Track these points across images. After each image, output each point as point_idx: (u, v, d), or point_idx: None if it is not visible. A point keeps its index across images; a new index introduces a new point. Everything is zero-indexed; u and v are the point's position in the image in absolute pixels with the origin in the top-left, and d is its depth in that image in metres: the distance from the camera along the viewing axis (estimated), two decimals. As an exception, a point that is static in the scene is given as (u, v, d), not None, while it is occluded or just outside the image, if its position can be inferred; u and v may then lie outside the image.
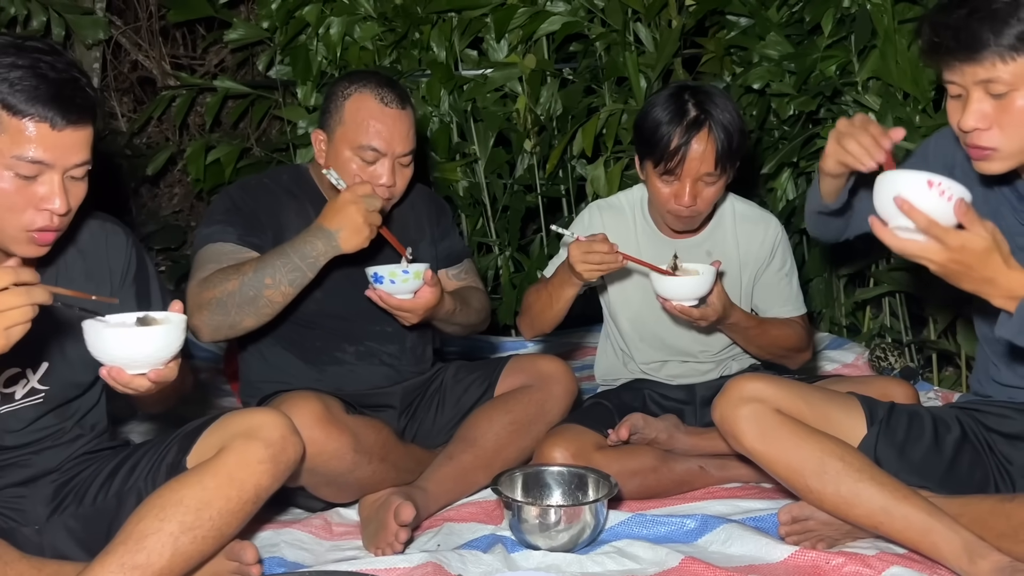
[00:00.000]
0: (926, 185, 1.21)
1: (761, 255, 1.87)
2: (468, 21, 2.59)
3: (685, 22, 2.54)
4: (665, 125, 1.71)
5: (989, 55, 1.26)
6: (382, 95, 1.71)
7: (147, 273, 1.51)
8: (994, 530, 1.34)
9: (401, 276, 1.64)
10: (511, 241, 2.73)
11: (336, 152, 1.72)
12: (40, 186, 1.24)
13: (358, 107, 1.71)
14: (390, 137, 1.70)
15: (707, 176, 1.72)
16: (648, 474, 1.75)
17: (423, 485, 1.70)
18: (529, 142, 2.67)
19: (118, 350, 1.22)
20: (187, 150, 2.79)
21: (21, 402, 1.39)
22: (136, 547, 1.27)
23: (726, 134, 1.70)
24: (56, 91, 1.21)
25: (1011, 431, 1.50)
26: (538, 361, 1.89)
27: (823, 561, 1.43)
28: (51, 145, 1.22)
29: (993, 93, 1.28)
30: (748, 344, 1.86)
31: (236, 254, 1.65)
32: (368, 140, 1.69)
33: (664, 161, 1.71)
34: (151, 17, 3.00)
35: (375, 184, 1.70)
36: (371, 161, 1.70)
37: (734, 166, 1.76)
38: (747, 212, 1.90)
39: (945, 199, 1.21)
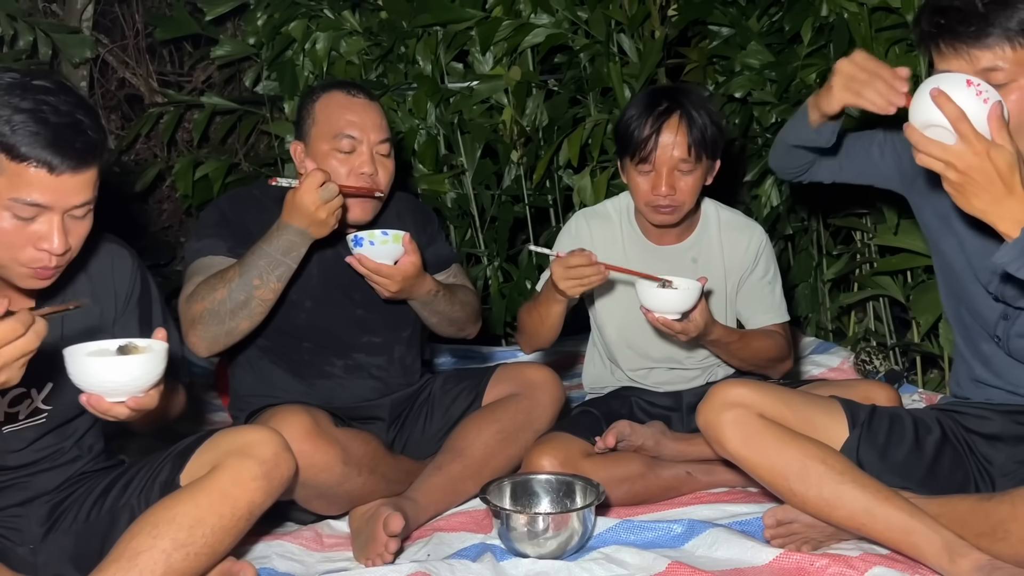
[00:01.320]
0: (964, 83, 1.19)
1: (745, 262, 1.90)
2: (453, 35, 2.61)
3: (668, 32, 2.57)
4: (637, 119, 1.77)
5: (997, 39, 1.26)
6: (348, 90, 1.78)
7: (150, 297, 1.53)
8: (974, 529, 1.36)
9: (380, 238, 1.67)
10: (499, 251, 2.75)
11: (314, 152, 1.74)
12: (39, 225, 1.24)
13: (327, 103, 1.76)
14: (363, 124, 1.74)
15: (682, 164, 1.75)
16: (636, 480, 1.76)
17: (412, 496, 1.71)
18: (516, 153, 2.70)
19: (96, 378, 1.21)
20: (175, 166, 2.80)
21: (24, 422, 1.40)
22: (129, 564, 1.28)
23: (697, 121, 1.75)
24: (55, 136, 1.21)
25: (990, 432, 1.53)
26: (525, 370, 1.90)
27: (807, 563, 1.45)
28: (49, 189, 1.22)
29: (994, 83, 1.27)
30: (730, 357, 1.88)
31: (225, 265, 1.66)
32: (342, 128, 1.73)
33: (638, 151, 1.76)
34: (138, 35, 3.00)
35: (357, 173, 1.72)
36: (349, 150, 1.73)
37: (711, 156, 1.79)
38: (732, 220, 1.92)
39: (981, 100, 1.18)
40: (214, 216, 1.77)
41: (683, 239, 1.89)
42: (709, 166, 1.81)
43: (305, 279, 1.76)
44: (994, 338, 1.51)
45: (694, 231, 1.90)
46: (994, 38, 1.27)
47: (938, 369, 2.49)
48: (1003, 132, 1.17)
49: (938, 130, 1.19)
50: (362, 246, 1.66)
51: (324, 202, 1.59)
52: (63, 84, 1.28)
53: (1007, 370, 1.52)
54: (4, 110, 1.20)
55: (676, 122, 1.75)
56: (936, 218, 1.56)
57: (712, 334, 1.76)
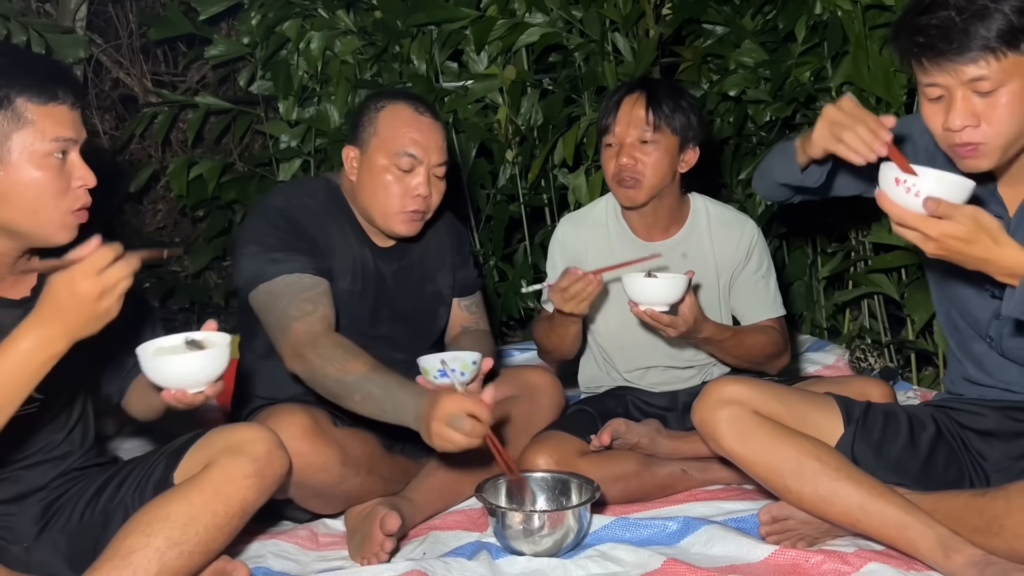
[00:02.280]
0: (893, 183, 1.24)
1: (737, 257, 1.90)
2: (448, 34, 2.61)
3: (662, 31, 2.57)
4: (608, 100, 1.86)
5: (981, 53, 1.25)
6: (416, 106, 1.74)
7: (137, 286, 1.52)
8: (968, 525, 1.36)
9: (471, 367, 1.66)
10: (495, 251, 2.75)
11: (370, 164, 1.71)
12: (72, 167, 1.31)
13: (394, 116, 1.71)
14: (426, 144, 1.70)
15: (642, 131, 1.78)
16: (631, 479, 1.76)
17: (409, 495, 1.71)
18: (511, 152, 2.70)
19: (181, 375, 1.29)
20: (170, 166, 2.79)
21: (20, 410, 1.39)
22: (123, 563, 1.28)
23: (659, 97, 1.79)
24: (60, 74, 1.29)
25: (984, 428, 1.53)
26: (525, 373, 1.91)
27: (803, 559, 1.45)
28: (71, 123, 1.30)
29: (980, 91, 1.28)
30: (724, 355, 1.88)
31: (315, 288, 1.62)
32: (405, 146, 1.69)
33: (602, 124, 1.83)
34: (132, 35, 3.00)
35: (411, 196, 1.69)
36: (407, 169, 1.69)
37: (676, 133, 1.80)
38: (722, 215, 1.92)
39: (912, 195, 1.23)
40: (279, 228, 1.67)
41: (672, 234, 1.89)
42: (678, 147, 1.82)
43: (352, 298, 1.75)
44: (986, 338, 1.51)
45: (683, 226, 1.90)
46: (976, 51, 1.26)
47: (933, 366, 2.50)
48: (952, 212, 1.21)
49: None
50: (452, 376, 1.63)
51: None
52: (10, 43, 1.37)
53: (999, 369, 1.52)
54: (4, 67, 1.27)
55: (636, 96, 1.81)
56: None
57: (703, 331, 1.75)
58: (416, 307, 1.86)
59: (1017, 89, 1.28)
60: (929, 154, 1.46)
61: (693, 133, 1.83)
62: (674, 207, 1.88)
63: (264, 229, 1.68)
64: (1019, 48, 1.26)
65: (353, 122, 1.78)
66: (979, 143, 1.31)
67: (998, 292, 1.46)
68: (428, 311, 1.89)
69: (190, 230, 3.12)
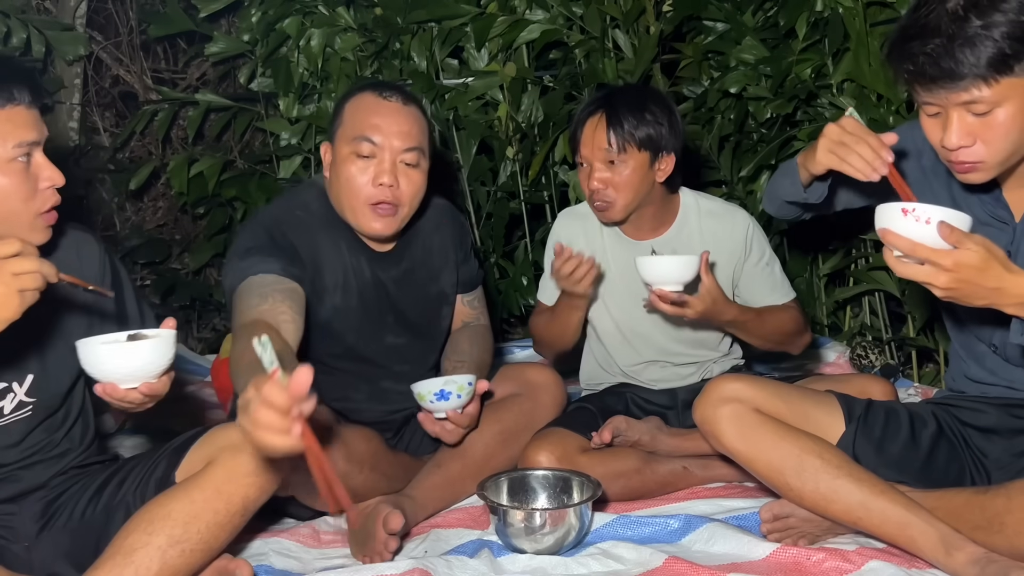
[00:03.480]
0: (900, 213, 1.22)
1: (735, 251, 1.88)
2: (448, 31, 2.61)
3: (663, 28, 2.57)
4: (576, 117, 1.84)
5: (972, 81, 1.24)
6: (381, 91, 1.67)
7: (121, 282, 1.52)
8: (969, 522, 1.36)
9: (467, 389, 1.64)
10: (496, 248, 2.75)
11: (337, 156, 1.66)
12: (38, 169, 1.29)
13: (357, 105, 1.67)
14: (387, 128, 1.62)
15: (607, 155, 1.76)
16: (632, 476, 1.77)
17: (411, 494, 1.71)
18: (511, 149, 2.69)
19: (110, 365, 1.24)
20: (170, 164, 2.79)
21: (10, 417, 1.40)
22: (124, 561, 1.28)
23: (620, 113, 1.76)
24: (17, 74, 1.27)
25: (985, 425, 1.53)
26: (527, 370, 1.90)
27: (804, 557, 1.45)
28: (32, 124, 1.28)
29: (975, 112, 1.28)
30: (749, 337, 1.86)
31: (279, 284, 1.55)
32: (363, 131, 1.62)
33: (573, 149, 1.82)
34: (132, 32, 3.00)
35: (374, 185, 1.62)
36: (367, 155, 1.62)
37: (644, 149, 1.77)
38: (712, 208, 1.91)
39: (923, 223, 1.21)
40: (259, 237, 1.63)
41: (661, 233, 1.88)
42: (649, 161, 1.78)
43: (349, 313, 1.71)
44: (991, 346, 1.51)
45: (672, 224, 1.89)
46: (968, 80, 1.24)
47: (933, 363, 2.50)
48: (963, 240, 1.20)
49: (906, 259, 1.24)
50: (448, 399, 1.63)
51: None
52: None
53: (1002, 368, 1.52)
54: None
55: (599, 116, 1.78)
56: None
57: (727, 314, 1.74)
58: (422, 311, 1.82)
59: (1013, 110, 1.27)
60: (932, 161, 1.46)
61: (664, 142, 1.79)
62: (660, 210, 1.86)
63: (244, 239, 1.64)
64: (1012, 71, 1.24)
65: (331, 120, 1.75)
66: (975, 161, 1.31)
67: (1003, 356, 1.46)
68: (433, 314, 1.86)
69: (190, 227, 3.12)
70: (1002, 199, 1.43)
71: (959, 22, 1.24)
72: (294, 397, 1.02)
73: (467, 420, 1.70)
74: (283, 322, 1.47)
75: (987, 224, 1.44)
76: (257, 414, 1.02)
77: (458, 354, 1.84)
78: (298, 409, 1.02)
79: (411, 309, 1.80)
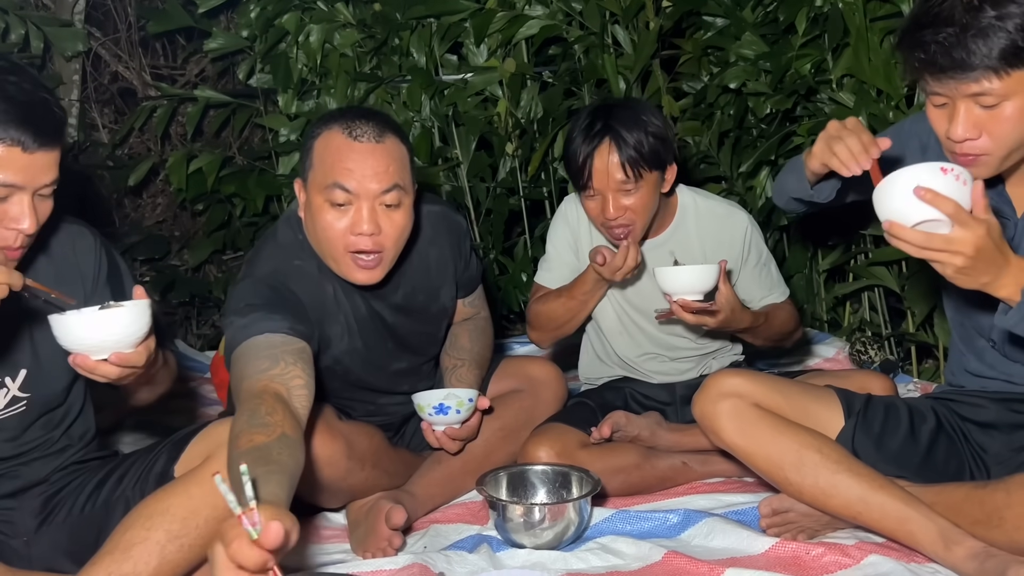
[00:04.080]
0: (940, 172, 1.19)
1: (733, 252, 1.87)
2: (447, 26, 2.61)
3: (662, 24, 2.56)
4: (573, 146, 1.76)
5: (983, 72, 1.24)
6: (352, 129, 1.50)
7: (120, 273, 1.51)
8: (969, 517, 1.36)
9: (467, 405, 1.63)
10: (495, 244, 2.74)
11: (312, 202, 1.53)
12: (10, 206, 1.24)
13: (326, 144, 1.51)
14: (362, 173, 1.48)
15: (622, 185, 1.72)
16: (632, 471, 1.77)
17: (411, 490, 1.71)
18: (511, 145, 2.69)
19: (79, 334, 1.22)
20: (169, 160, 2.79)
21: (5, 412, 1.39)
22: (123, 556, 1.28)
23: (629, 140, 1.70)
24: (25, 113, 1.21)
25: (985, 420, 1.53)
26: (528, 365, 1.90)
27: (803, 552, 1.45)
28: (22, 167, 1.22)
29: (984, 104, 1.27)
30: (756, 339, 1.88)
31: (288, 346, 1.43)
32: (336, 177, 1.48)
33: (578, 180, 1.76)
34: (130, 28, 2.99)
35: (354, 234, 1.49)
36: (342, 203, 1.49)
37: (654, 167, 1.74)
38: (711, 208, 1.89)
39: (961, 183, 1.19)
40: (264, 293, 1.51)
41: (658, 233, 1.87)
42: (658, 176, 1.76)
43: (353, 355, 1.67)
44: (989, 341, 1.51)
45: (670, 224, 1.87)
46: (979, 71, 1.24)
47: (933, 359, 2.50)
48: (986, 207, 1.20)
49: (930, 224, 1.21)
50: (447, 414, 1.62)
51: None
52: (18, 64, 1.28)
53: (1001, 363, 1.52)
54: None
55: (607, 146, 1.71)
56: None
57: (744, 322, 1.76)
58: (422, 334, 1.78)
59: (1021, 103, 1.26)
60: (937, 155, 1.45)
61: (667, 154, 1.77)
62: (660, 213, 1.84)
63: (245, 294, 1.53)
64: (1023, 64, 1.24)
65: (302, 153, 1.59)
66: (979, 154, 1.31)
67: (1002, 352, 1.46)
68: (432, 333, 1.81)
69: (189, 224, 3.12)
70: (1005, 194, 1.43)
71: (973, 12, 1.24)
72: (265, 554, 0.95)
73: (466, 432, 1.70)
74: (295, 387, 1.37)
75: None
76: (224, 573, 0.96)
77: (458, 350, 1.82)
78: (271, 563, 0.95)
79: (411, 334, 1.75)
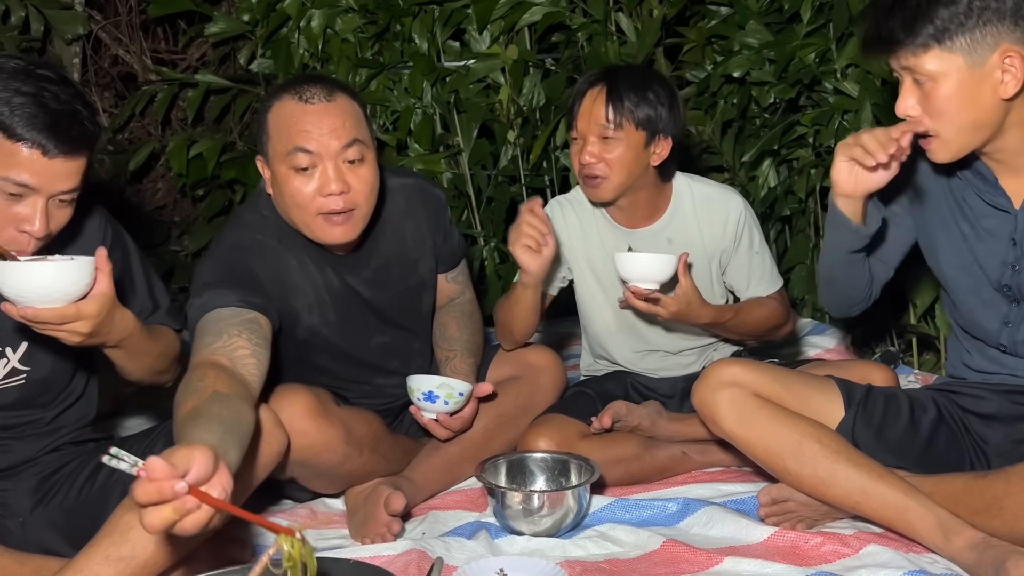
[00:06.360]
0: None
1: (726, 238, 1.83)
2: (450, 12, 2.59)
3: (666, 12, 2.55)
4: (575, 91, 1.81)
5: (911, 47, 1.30)
6: (302, 93, 1.51)
7: (127, 250, 1.52)
8: (968, 507, 1.36)
9: (457, 399, 1.63)
10: (496, 232, 2.73)
11: (276, 174, 1.52)
12: (23, 207, 1.27)
13: (279, 114, 1.52)
14: (319, 132, 1.48)
15: (603, 130, 1.72)
16: (632, 461, 1.76)
17: (410, 476, 1.71)
18: (512, 133, 2.68)
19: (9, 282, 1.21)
20: (169, 145, 2.78)
21: (4, 382, 1.40)
22: (121, 539, 1.28)
23: (622, 91, 1.72)
24: (53, 121, 1.25)
25: (986, 411, 1.52)
26: (527, 352, 1.89)
27: (802, 541, 1.45)
28: (40, 171, 1.25)
29: (918, 82, 1.33)
30: (728, 333, 1.85)
31: (235, 318, 1.44)
32: (295, 141, 1.48)
33: (568, 119, 1.79)
34: (131, 12, 2.98)
35: (323, 195, 1.49)
36: (306, 167, 1.49)
37: (642, 129, 1.72)
38: (707, 193, 1.86)
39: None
40: (218, 270, 1.53)
41: (654, 220, 1.84)
42: (644, 142, 1.74)
43: (329, 328, 1.66)
44: (999, 347, 1.50)
45: (666, 211, 1.84)
46: (907, 46, 1.31)
47: (934, 351, 2.49)
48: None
49: None
50: (435, 403, 1.62)
51: None
52: (65, 77, 1.32)
53: (1004, 357, 1.52)
54: (5, 92, 1.24)
55: (598, 90, 1.75)
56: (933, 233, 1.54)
57: (704, 317, 1.72)
58: (401, 306, 1.75)
59: (952, 87, 1.31)
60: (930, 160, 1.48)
61: (662, 125, 1.74)
62: (653, 197, 1.82)
63: (201, 274, 1.55)
64: (944, 43, 1.29)
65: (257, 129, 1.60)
66: (930, 135, 1.35)
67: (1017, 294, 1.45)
68: (415, 305, 1.78)
69: (190, 209, 3.11)
70: (1000, 188, 1.43)
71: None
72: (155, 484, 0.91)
73: (458, 424, 1.69)
74: (239, 357, 1.38)
75: (987, 216, 1.44)
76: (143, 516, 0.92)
77: (448, 341, 1.80)
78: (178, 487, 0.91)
79: (390, 307, 1.73)
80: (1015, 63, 1.28)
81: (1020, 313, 1.45)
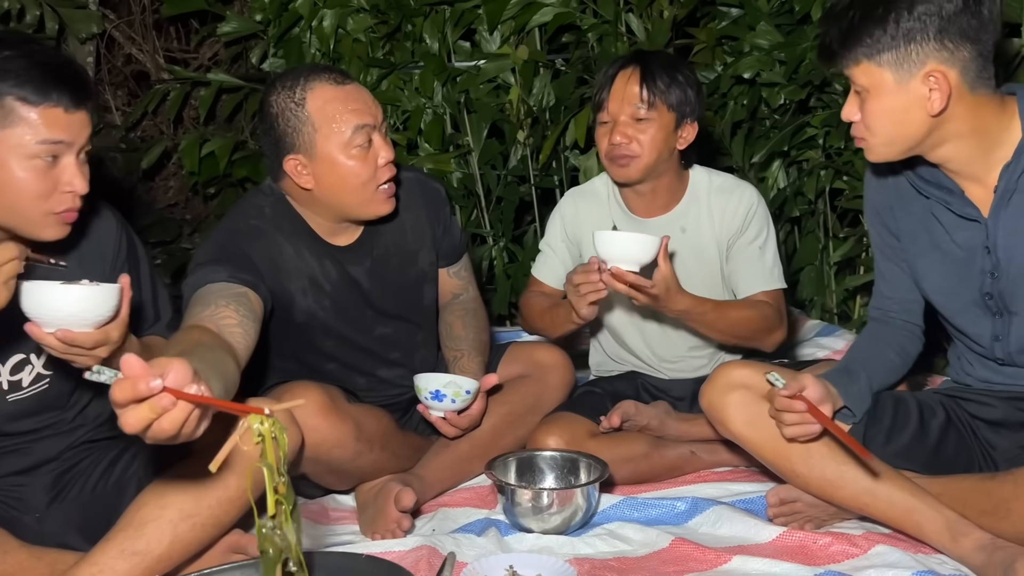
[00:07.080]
0: None
1: (734, 226, 1.82)
2: (460, 13, 2.60)
3: (676, 12, 2.55)
4: (602, 73, 1.82)
5: (840, 60, 1.37)
6: (332, 76, 1.58)
7: (137, 257, 1.53)
8: (976, 508, 1.37)
9: (464, 397, 1.63)
10: (505, 232, 2.75)
11: (328, 162, 1.56)
12: (62, 171, 1.28)
13: (322, 103, 1.55)
14: (366, 108, 1.57)
15: (636, 108, 1.74)
16: (640, 460, 1.77)
17: (419, 472, 1.72)
18: (522, 133, 2.69)
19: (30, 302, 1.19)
20: (181, 143, 2.79)
21: (28, 390, 1.41)
22: (136, 534, 1.29)
23: (653, 71, 1.74)
24: (58, 76, 1.26)
25: (993, 418, 1.52)
26: (536, 351, 1.90)
27: (810, 541, 1.46)
28: (66, 126, 1.26)
29: (857, 91, 1.38)
30: (708, 330, 1.75)
31: (224, 291, 1.47)
32: (353, 122, 1.55)
33: (596, 100, 1.80)
34: (144, 11, 3.00)
35: (382, 168, 1.57)
36: (365, 144, 1.56)
37: (672, 109, 1.75)
38: (722, 184, 1.85)
39: None
40: (212, 251, 1.57)
41: (670, 209, 1.84)
42: (674, 124, 1.76)
43: (325, 314, 1.68)
44: (996, 361, 1.50)
45: (681, 200, 1.84)
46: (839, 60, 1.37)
47: (942, 353, 2.49)
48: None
49: None
50: (442, 401, 1.63)
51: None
52: (28, 34, 1.36)
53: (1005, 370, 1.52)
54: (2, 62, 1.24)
55: (631, 71, 1.76)
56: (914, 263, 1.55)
57: (679, 304, 1.65)
58: (401, 298, 1.76)
59: (878, 102, 1.36)
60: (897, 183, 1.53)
61: (691, 108, 1.77)
62: (672, 183, 1.82)
63: (197, 256, 1.59)
64: (871, 58, 1.33)
65: (275, 131, 1.58)
66: (860, 137, 1.40)
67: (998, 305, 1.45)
68: (415, 297, 1.80)
69: (201, 207, 3.13)
70: (966, 197, 1.43)
71: (844, 9, 1.36)
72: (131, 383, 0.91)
73: (466, 422, 1.69)
74: (227, 326, 1.38)
75: (959, 228, 1.45)
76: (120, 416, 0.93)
77: (454, 340, 1.81)
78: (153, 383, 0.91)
79: (390, 299, 1.74)
80: (940, 81, 1.32)
81: (1006, 325, 1.45)
